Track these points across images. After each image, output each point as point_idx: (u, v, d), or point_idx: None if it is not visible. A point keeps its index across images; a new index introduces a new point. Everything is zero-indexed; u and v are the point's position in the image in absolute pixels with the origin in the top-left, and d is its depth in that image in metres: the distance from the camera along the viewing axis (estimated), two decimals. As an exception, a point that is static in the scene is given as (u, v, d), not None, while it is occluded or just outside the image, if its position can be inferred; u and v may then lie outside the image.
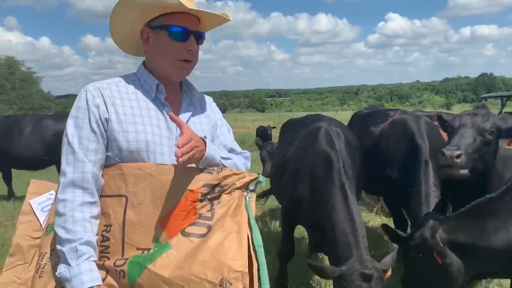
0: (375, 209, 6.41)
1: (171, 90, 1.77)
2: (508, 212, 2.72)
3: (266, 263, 1.59)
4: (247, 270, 1.51)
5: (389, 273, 2.71)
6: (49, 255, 1.61)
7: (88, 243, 1.52)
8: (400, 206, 4.12)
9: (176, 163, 1.55)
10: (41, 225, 1.68)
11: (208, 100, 1.95)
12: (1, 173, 8.49)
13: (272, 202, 7.19)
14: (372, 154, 4.11)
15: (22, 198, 7.33)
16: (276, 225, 5.86)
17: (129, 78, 1.75)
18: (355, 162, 3.46)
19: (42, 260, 1.60)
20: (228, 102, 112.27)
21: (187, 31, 1.68)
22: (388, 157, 4.06)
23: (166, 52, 1.69)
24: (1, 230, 5.61)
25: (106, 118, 1.61)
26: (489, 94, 13.47)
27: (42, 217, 1.68)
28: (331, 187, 3.09)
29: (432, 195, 3.45)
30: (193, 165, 1.65)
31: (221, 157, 1.71)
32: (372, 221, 6.06)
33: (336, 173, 3.13)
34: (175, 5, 1.61)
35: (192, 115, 1.80)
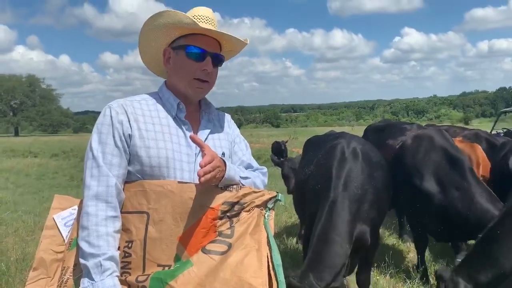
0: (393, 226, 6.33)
1: (191, 109, 1.83)
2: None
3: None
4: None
5: None
6: (71, 269, 1.63)
7: (111, 258, 1.54)
8: (427, 220, 4.08)
9: (196, 180, 1.61)
10: (64, 240, 1.70)
11: (227, 117, 2.00)
12: None
13: (288, 218, 7.16)
14: (393, 168, 4.09)
15: (42, 213, 7.41)
16: (293, 242, 5.82)
17: (151, 97, 1.81)
18: (375, 181, 3.40)
19: (65, 275, 1.63)
20: (243, 117, 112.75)
21: (204, 52, 1.74)
22: (418, 172, 4.05)
23: (183, 70, 1.75)
24: (22, 244, 5.68)
25: (129, 134, 1.66)
26: (508, 109, 13.27)
27: (65, 232, 1.71)
28: (323, 205, 3.09)
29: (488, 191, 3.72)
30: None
31: (240, 177, 1.75)
32: (389, 238, 5.98)
33: (331, 191, 3.12)
34: (189, 24, 1.69)
35: (211, 132, 1.85)
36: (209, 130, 1.84)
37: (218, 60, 1.80)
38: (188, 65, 1.74)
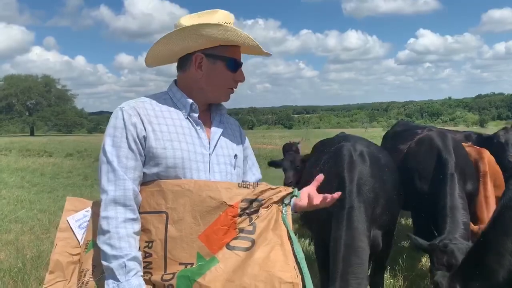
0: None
1: (202, 109, 1.82)
2: (500, 241, 2.75)
3: None
4: (298, 281, 1.54)
5: None
6: (91, 271, 1.64)
7: (135, 259, 1.56)
8: (426, 223, 4.08)
9: (212, 179, 1.70)
10: (79, 242, 1.71)
11: (237, 123, 2.03)
12: None
13: (300, 221, 7.13)
14: (401, 171, 4.09)
15: (57, 212, 7.48)
16: (305, 243, 5.81)
17: (160, 97, 1.79)
18: (384, 183, 3.33)
19: (84, 277, 1.63)
20: (255, 118, 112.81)
21: (240, 63, 1.80)
22: (416, 173, 4.10)
23: (220, 80, 1.78)
24: (38, 242, 5.76)
25: (144, 136, 1.65)
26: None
27: (80, 234, 1.71)
28: (339, 211, 3.00)
29: (458, 207, 3.58)
30: (231, 180, 1.76)
31: None
32: (403, 241, 5.93)
33: (347, 196, 3.02)
34: (252, 47, 1.75)
35: (223, 133, 1.85)
36: (221, 131, 1.84)
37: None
38: (226, 76, 1.77)
